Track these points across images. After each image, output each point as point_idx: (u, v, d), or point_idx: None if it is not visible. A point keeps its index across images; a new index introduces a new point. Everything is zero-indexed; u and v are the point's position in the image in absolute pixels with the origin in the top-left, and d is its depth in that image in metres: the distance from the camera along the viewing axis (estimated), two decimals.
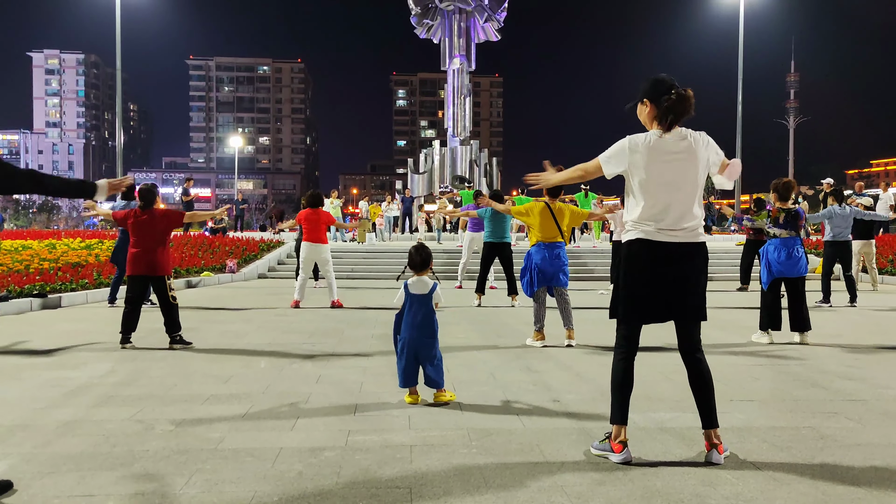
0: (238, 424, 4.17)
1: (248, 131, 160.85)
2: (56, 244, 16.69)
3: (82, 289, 11.40)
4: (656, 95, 3.49)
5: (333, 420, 4.27)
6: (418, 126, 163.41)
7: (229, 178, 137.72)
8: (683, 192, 3.49)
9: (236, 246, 17.99)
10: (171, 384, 5.26)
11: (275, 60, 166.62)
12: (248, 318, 9.27)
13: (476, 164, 31.88)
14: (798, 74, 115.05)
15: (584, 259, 17.61)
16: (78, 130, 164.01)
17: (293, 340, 7.32)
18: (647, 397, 4.74)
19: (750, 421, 4.26)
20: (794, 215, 7.42)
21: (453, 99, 32.78)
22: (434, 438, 3.89)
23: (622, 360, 3.60)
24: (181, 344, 6.87)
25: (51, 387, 5.15)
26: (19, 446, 3.75)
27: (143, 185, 7.25)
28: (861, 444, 3.80)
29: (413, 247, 4.91)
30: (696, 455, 3.59)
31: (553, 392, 5.01)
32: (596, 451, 3.60)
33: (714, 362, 5.48)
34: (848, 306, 10.66)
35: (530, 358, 6.35)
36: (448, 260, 16.76)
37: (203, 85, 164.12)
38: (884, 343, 7.32)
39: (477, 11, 31.94)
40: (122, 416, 4.35)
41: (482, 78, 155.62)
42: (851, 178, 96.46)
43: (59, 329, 8.14)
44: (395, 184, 43.09)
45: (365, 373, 5.66)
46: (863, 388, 5.17)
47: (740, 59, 33.25)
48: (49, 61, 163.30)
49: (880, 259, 15.43)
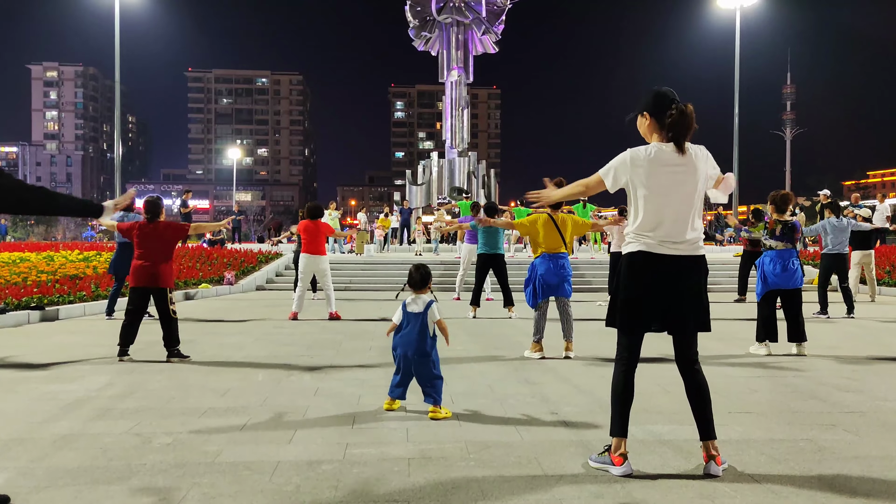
0: (236, 437, 4.17)
1: (246, 143, 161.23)
2: (54, 256, 16.69)
3: (80, 301, 11.38)
4: (657, 110, 3.51)
5: (331, 433, 4.26)
6: (416, 138, 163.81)
7: (228, 189, 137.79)
8: (685, 204, 3.50)
9: (234, 258, 17.99)
10: (168, 397, 5.25)
11: (273, 73, 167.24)
12: (245, 330, 9.26)
13: (474, 176, 31.98)
14: (794, 86, 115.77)
15: (581, 270, 17.63)
16: (76, 142, 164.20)
17: (291, 353, 7.31)
18: (644, 409, 4.74)
19: (748, 433, 4.26)
20: (790, 227, 7.45)
21: (451, 111, 32.94)
22: (432, 451, 3.88)
23: (623, 371, 3.60)
24: (178, 357, 6.85)
25: (48, 400, 5.14)
26: (16, 460, 3.74)
27: (148, 198, 7.26)
28: (859, 457, 3.80)
29: (413, 265, 4.96)
30: (695, 467, 3.59)
31: (551, 404, 5.01)
32: (594, 463, 3.60)
33: (712, 374, 5.49)
34: (846, 317, 10.68)
35: (529, 370, 6.34)
36: (445, 272, 16.77)
37: (202, 97, 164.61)
38: (881, 354, 7.32)
39: (475, 24, 32.16)
40: (120, 429, 4.34)
41: (480, 90, 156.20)
42: (848, 189, 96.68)
43: (56, 342, 8.12)
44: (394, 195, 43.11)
45: (363, 385, 5.66)
46: (861, 400, 5.17)
47: (737, 71, 33.44)
48: (48, 73, 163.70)
49: (878, 270, 15.47)
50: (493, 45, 32.95)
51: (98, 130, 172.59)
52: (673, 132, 3.47)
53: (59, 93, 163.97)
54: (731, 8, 33.64)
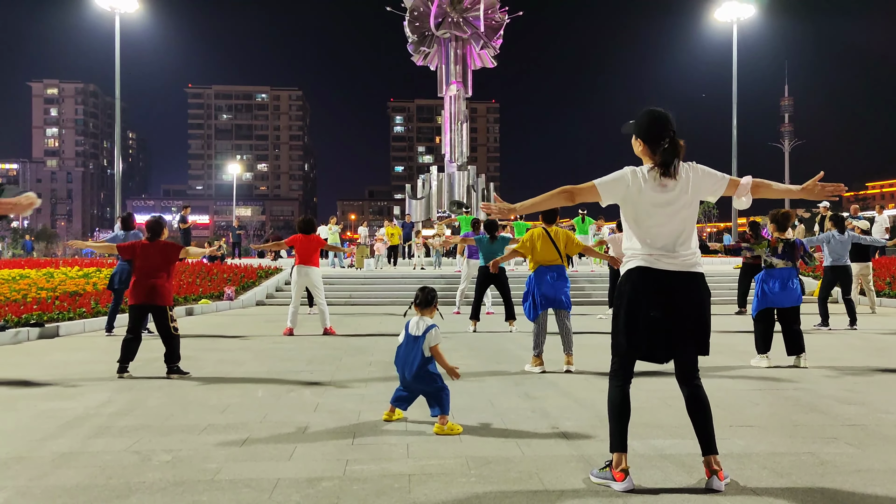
0: (235, 454, 4.15)
1: (246, 158, 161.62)
2: (54, 273, 16.68)
3: (80, 318, 11.36)
4: (650, 138, 3.53)
5: (331, 449, 4.24)
6: (416, 152, 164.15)
7: (228, 204, 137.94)
8: (680, 221, 3.51)
9: (234, 273, 17.98)
10: (168, 414, 5.24)
11: (273, 88, 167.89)
12: (245, 346, 9.24)
13: (473, 189, 32.04)
14: (792, 98, 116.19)
15: (581, 283, 17.61)
16: (76, 159, 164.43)
17: (291, 368, 7.29)
18: (645, 424, 4.72)
19: (750, 447, 4.24)
20: (792, 245, 7.46)
21: (450, 125, 33.03)
22: (432, 467, 3.87)
23: (619, 385, 3.59)
24: (178, 374, 6.84)
25: (47, 418, 5.12)
26: (15, 479, 3.72)
27: (151, 218, 7.33)
28: (861, 470, 3.78)
29: (420, 287, 5.00)
30: (697, 482, 3.57)
31: (552, 419, 4.99)
32: (596, 478, 3.58)
33: (713, 387, 5.48)
34: (847, 329, 10.66)
35: (529, 384, 6.33)
36: (446, 285, 16.76)
37: (201, 113, 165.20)
38: (883, 366, 7.30)
39: (473, 39, 32.33)
40: (119, 447, 4.33)
41: (479, 104, 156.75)
42: (847, 200, 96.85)
43: (55, 359, 8.11)
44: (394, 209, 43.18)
45: (363, 401, 5.64)
46: (862, 413, 5.15)
47: (734, 83, 33.59)
48: (48, 91, 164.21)
49: (878, 282, 15.46)
50: (492, 60, 33.12)
51: (98, 147, 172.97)
52: (663, 164, 3.48)
53: (60, 109, 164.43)
54: (728, 21, 33.91)
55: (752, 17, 34.11)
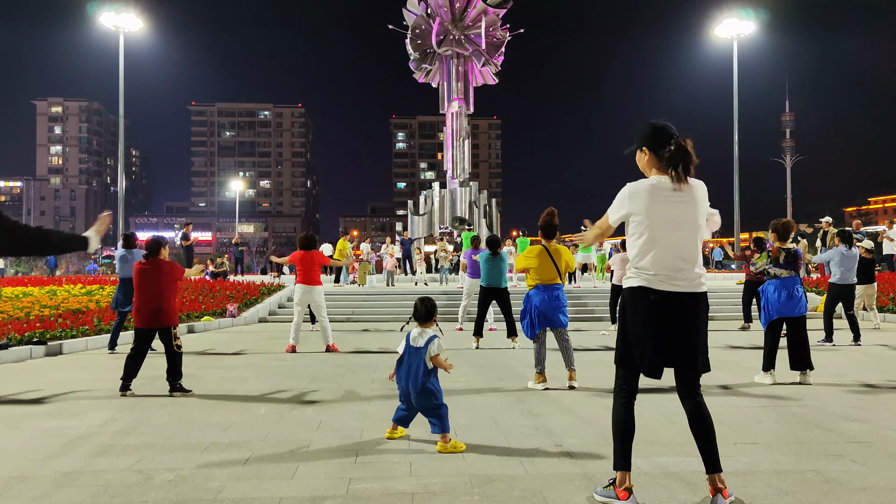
0: (238, 473, 4.14)
1: (248, 175, 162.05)
2: (57, 290, 16.71)
3: (83, 335, 11.36)
4: (655, 145, 3.52)
5: (334, 467, 4.23)
6: (418, 168, 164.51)
7: (230, 221, 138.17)
8: (685, 236, 3.48)
9: (237, 290, 17.99)
10: (170, 432, 5.23)
11: (276, 105, 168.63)
12: (248, 363, 9.23)
13: (475, 206, 32.08)
14: (793, 113, 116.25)
15: (584, 300, 17.59)
16: (80, 176, 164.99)
17: (293, 386, 7.28)
18: (649, 441, 4.70)
19: (754, 464, 4.22)
20: (793, 255, 7.46)
21: (452, 141, 33.14)
22: (436, 486, 3.85)
23: (623, 403, 3.57)
24: (181, 392, 6.84)
25: (49, 436, 5.12)
26: (17, 499, 3.71)
27: (150, 238, 7.34)
28: (867, 488, 3.76)
29: (419, 298, 4.98)
30: (701, 500, 3.55)
31: (555, 436, 4.97)
32: (600, 497, 3.56)
33: (716, 404, 5.46)
34: (851, 345, 10.62)
35: (532, 401, 6.31)
36: (448, 301, 16.74)
37: (204, 130, 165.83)
38: (887, 383, 7.27)
39: (475, 56, 32.52)
40: (122, 465, 4.32)
41: (481, 120, 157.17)
42: (850, 215, 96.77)
43: (58, 377, 8.10)
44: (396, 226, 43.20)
45: (365, 418, 5.63)
46: (868, 430, 5.13)
47: (735, 99, 33.71)
48: (53, 109, 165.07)
49: (881, 297, 15.43)
50: (493, 77, 33.30)
51: (102, 164, 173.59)
52: (672, 165, 3.47)
53: (64, 128, 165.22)
54: (728, 38, 34.10)
55: (753, 33, 34.31)
